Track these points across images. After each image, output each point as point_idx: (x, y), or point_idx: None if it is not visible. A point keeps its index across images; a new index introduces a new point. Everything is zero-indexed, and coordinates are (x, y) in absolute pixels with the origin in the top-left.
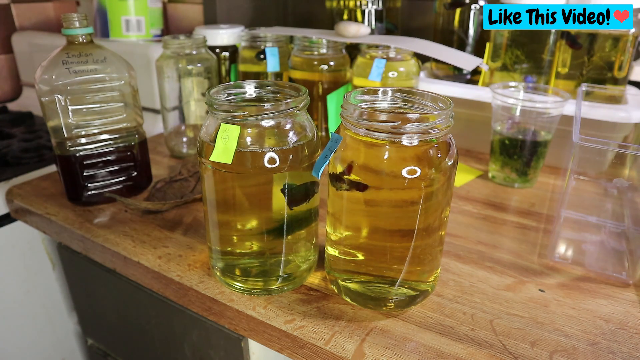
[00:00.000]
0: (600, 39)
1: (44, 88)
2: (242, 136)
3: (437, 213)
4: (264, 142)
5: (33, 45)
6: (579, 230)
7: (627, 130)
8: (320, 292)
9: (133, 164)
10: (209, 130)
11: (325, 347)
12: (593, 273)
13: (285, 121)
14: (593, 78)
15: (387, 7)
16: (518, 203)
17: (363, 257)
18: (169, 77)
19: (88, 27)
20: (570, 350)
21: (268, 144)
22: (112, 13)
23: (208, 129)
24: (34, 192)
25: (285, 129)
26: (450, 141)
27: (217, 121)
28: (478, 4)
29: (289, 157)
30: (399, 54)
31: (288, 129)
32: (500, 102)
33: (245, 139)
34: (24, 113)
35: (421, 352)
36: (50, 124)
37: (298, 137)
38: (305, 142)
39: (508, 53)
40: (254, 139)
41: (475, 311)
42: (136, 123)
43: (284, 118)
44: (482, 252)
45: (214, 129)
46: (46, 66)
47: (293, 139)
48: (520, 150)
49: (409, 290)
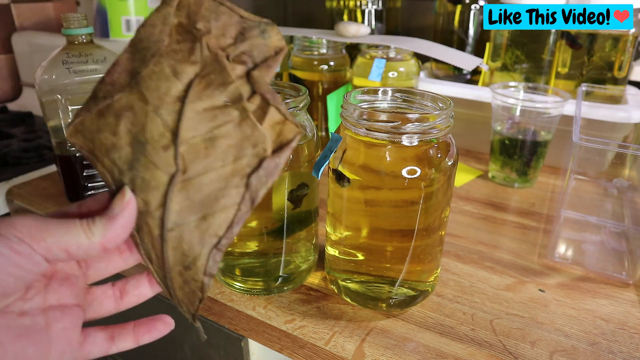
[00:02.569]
0: (600, 39)
1: (44, 88)
2: None
3: (437, 213)
4: None
5: (33, 45)
6: (579, 230)
7: (627, 130)
8: (320, 292)
9: None
10: None
11: (325, 347)
12: (593, 273)
13: None
14: (593, 78)
15: (387, 7)
16: (518, 203)
17: (363, 257)
18: None
19: (88, 27)
20: (570, 350)
21: None
22: (112, 13)
23: None
24: (34, 192)
25: None
26: (450, 141)
27: None
28: (478, 4)
29: (289, 157)
30: (399, 54)
31: None
32: (500, 102)
33: None
34: (24, 113)
35: (421, 352)
36: (50, 124)
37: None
38: (305, 142)
39: (508, 53)
40: None
41: (475, 311)
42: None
43: None
44: (482, 252)
45: None
46: (46, 66)
47: None
48: (520, 150)
49: (409, 290)
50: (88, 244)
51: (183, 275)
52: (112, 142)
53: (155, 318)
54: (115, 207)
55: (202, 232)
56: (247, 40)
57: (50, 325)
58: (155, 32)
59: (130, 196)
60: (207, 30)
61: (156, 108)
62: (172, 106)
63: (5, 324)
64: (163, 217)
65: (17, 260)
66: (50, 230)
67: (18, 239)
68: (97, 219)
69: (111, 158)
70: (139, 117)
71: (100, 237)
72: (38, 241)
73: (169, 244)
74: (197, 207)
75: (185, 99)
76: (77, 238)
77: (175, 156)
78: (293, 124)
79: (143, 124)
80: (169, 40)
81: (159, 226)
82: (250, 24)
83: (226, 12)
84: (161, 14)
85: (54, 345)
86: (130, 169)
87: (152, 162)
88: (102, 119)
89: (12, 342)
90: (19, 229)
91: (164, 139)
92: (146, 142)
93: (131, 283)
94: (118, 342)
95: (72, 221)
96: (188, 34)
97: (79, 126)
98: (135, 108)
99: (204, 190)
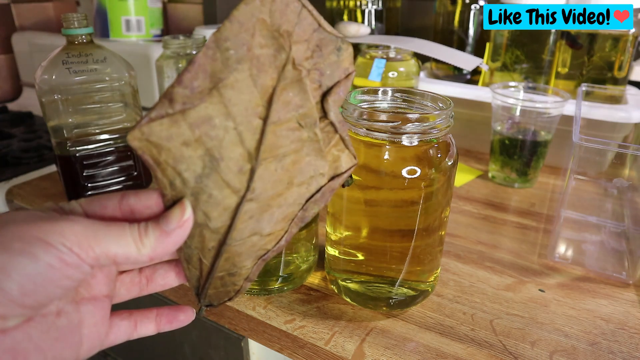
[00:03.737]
0: (601, 39)
1: (44, 88)
2: None
3: (437, 213)
4: None
5: (33, 45)
6: (579, 230)
7: (627, 130)
8: (320, 292)
9: (133, 164)
10: None
11: (325, 347)
12: (593, 273)
13: None
14: (593, 78)
15: (387, 7)
16: (518, 203)
17: (363, 257)
18: (169, 77)
19: (88, 27)
20: (570, 350)
21: None
22: (112, 13)
23: None
24: (34, 192)
25: None
26: (450, 141)
27: None
28: (478, 4)
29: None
30: (399, 54)
31: None
32: (500, 102)
33: None
34: (23, 113)
35: (421, 352)
36: (50, 124)
37: None
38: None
39: (508, 53)
40: None
41: (475, 311)
42: (136, 123)
43: None
44: (482, 252)
45: None
46: (46, 66)
47: None
48: (520, 150)
49: (409, 290)
50: (137, 256)
51: (224, 279)
52: (182, 153)
53: (178, 308)
54: (172, 222)
55: (254, 246)
56: (323, 56)
57: (82, 322)
58: (242, 32)
59: (189, 214)
60: (290, 37)
61: (237, 125)
62: (252, 124)
63: (45, 328)
64: (226, 234)
65: (66, 272)
66: (98, 239)
67: (67, 248)
68: (150, 230)
69: (177, 169)
70: (217, 131)
71: (150, 250)
72: (86, 250)
73: (224, 256)
74: (258, 225)
75: (267, 119)
76: (126, 249)
77: (250, 179)
78: (352, 155)
79: (221, 139)
80: (251, 42)
81: (217, 240)
82: (328, 37)
83: (308, 17)
84: (249, 9)
85: (85, 341)
86: (197, 183)
87: (224, 181)
88: (175, 126)
89: (50, 348)
90: (67, 237)
91: (240, 159)
92: (221, 159)
93: (159, 272)
94: (140, 328)
95: (121, 228)
96: (272, 39)
97: (146, 130)
98: (215, 121)
99: (266, 210)
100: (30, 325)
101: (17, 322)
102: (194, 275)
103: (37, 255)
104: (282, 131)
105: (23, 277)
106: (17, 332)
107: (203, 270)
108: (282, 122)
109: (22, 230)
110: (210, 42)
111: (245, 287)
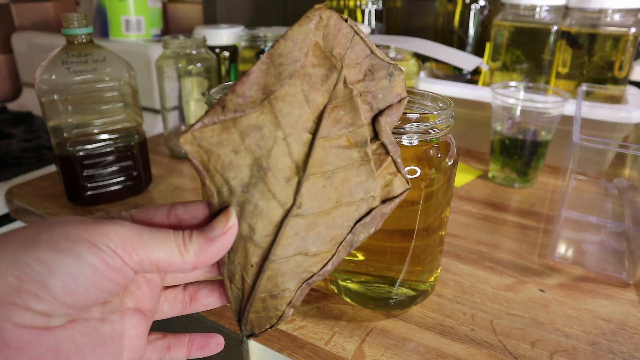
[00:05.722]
0: (601, 39)
1: (44, 88)
2: None
3: (437, 213)
4: None
5: (32, 45)
6: (579, 230)
7: (627, 130)
8: (320, 292)
9: (133, 164)
10: None
11: (325, 348)
12: (593, 273)
13: None
14: (593, 78)
15: (387, 6)
16: (518, 203)
17: (363, 257)
18: (168, 77)
19: (88, 27)
20: (570, 350)
21: None
22: (112, 13)
23: None
24: (34, 192)
25: None
26: (451, 141)
27: None
28: (478, 4)
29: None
30: (399, 54)
31: None
32: (501, 102)
33: None
34: (23, 113)
35: (421, 352)
36: (50, 124)
37: None
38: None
39: (508, 53)
40: None
41: (475, 311)
42: (136, 123)
43: None
44: (482, 252)
45: None
46: (46, 66)
47: None
48: (521, 150)
49: (409, 291)
50: (180, 262)
51: (266, 302)
52: (231, 160)
53: (210, 336)
54: (217, 229)
55: (299, 267)
56: (375, 80)
57: (125, 333)
58: (295, 49)
59: (234, 221)
60: (341, 59)
61: (286, 136)
62: (302, 137)
63: (88, 332)
64: (269, 249)
65: (108, 274)
66: (142, 242)
67: (111, 250)
68: (194, 236)
69: (225, 176)
70: (267, 141)
71: (194, 257)
72: (130, 253)
73: (266, 274)
74: (303, 243)
75: (316, 133)
76: (169, 254)
77: (296, 191)
78: (404, 179)
79: (269, 149)
80: (304, 61)
81: (260, 255)
82: (380, 63)
83: (360, 43)
84: (303, 29)
85: (125, 353)
86: (243, 192)
87: (270, 191)
88: (226, 132)
89: (91, 353)
90: (112, 239)
91: (288, 171)
92: (269, 168)
93: (203, 291)
94: (173, 351)
95: (166, 234)
96: (324, 59)
97: (198, 134)
98: (264, 130)
99: (313, 228)
100: (73, 326)
101: (61, 322)
102: (237, 296)
103: (81, 255)
104: (332, 148)
105: (66, 275)
106: (61, 331)
107: (245, 289)
108: (332, 138)
109: (69, 230)
110: (264, 57)
111: (288, 314)
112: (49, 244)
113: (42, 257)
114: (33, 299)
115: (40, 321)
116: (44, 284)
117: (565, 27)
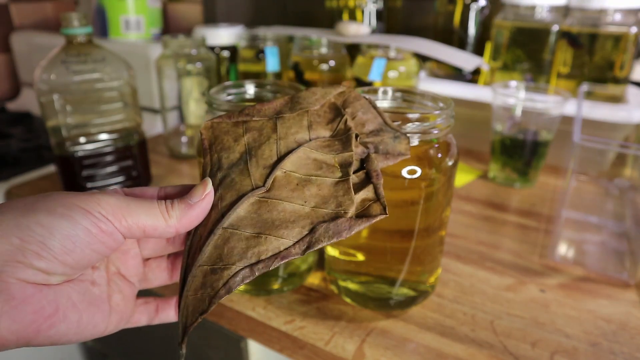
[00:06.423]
0: (601, 39)
1: (43, 88)
2: None
3: (438, 213)
4: None
5: (32, 45)
6: (579, 230)
7: (628, 130)
8: (320, 292)
9: (132, 164)
10: None
11: (325, 348)
12: (594, 273)
13: None
14: (594, 78)
15: (388, 6)
16: (519, 203)
17: (363, 257)
18: (168, 77)
19: (87, 27)
20: (571, 350)
21: None
22: (112, 12)
23: None
24: (33, 192)
25: None
26: (451, 141)
27: None
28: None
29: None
30: (399, 54)
31: None
32: (501, 102)
33: None
34: (22, 113)
35: (421, 352)
36: (49, 124)
37: None
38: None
39: (509, 52)
40: None
41: (475, 312)
42: (135, 123)
43: None
44: (482, 253)
45: None
46: (45, 66)
47: None
48: (521, 150)
49: (409, 291)
50: (165, 226)
51: (206, 277)
52: (229, 145)
53: None
54: (196, 196)
55: (247, 247)
56: (379, 137)
57: (111, 296)
58: (313, 99)
59: (210, 189)
60: (352, 116)
61: (279, 139)
62: (291, 144)
63: (82, 291)
64: (225, 214)
65: (101, 238)
66: (130, 210)
67: (103, 217)
68: (176, 204)
69: (220, 155)
70: (262, 138)
71: (176, 221)
72: (119, 220)
73: (214, 239)
74: (258, 223)
75: (304, 144)
76: (155, 220)
77: (268, 175)
78: (382, 206)
79: (261, 144)
80: (318, 108)
81: (216, 220)
82: (389, 129)
83: (373, 112)
84: (326, 91)
85: (112, 314)
86: (228, 169)
87: (248, 170)
88: (235, 127)
89: (85, 309)
90: (103, 207)
91: (269, 160)
92: (255, 155)
93: (180, 259)
94: (161, 314)
95: (151, 202)
96: (336, 110)
97: (215, 124)
98: (264, 132)
99: (273, 214)
100: (70, 285)
101: (59, 281)
102: (184, 267)
103: (76, 219)
104: (316, 161)
105: (64, 237)
106: (59, 288)
107: (194, 258)
108: (318, 152)
109: (65, 199)
110: (288, 97)
111: (219, 298)
112: (47, 209)
113: (42, 221)
114: (35, 257)
115: (41, 278)
116: (44, 244)
117: (566, 26)
